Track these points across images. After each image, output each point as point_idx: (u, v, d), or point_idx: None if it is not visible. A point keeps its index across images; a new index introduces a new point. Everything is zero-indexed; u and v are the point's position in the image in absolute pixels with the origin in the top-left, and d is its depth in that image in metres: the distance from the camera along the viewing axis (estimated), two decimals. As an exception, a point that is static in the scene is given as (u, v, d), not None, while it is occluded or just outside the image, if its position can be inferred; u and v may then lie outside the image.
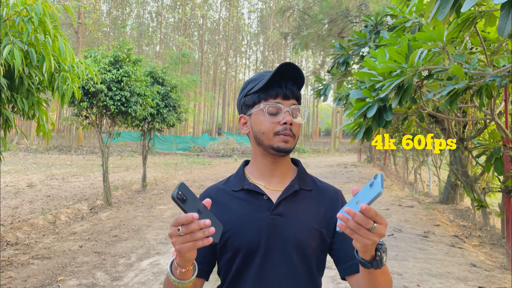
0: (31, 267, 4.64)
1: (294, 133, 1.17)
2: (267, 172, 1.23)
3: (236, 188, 1.23)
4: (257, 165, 1.24)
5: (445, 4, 1.59)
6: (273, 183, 1.22)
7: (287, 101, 1.17)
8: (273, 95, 1.17)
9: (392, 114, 3.11)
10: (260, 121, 1.18)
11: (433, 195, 10.60)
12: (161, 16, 44.99)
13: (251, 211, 1.17)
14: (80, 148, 27.23)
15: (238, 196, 1.21)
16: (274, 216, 1.16)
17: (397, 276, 4.42)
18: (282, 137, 1.14)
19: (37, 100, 4.28)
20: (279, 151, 1.16)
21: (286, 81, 1.19)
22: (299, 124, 1.20)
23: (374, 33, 5.41)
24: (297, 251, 1.14)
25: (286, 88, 1.18)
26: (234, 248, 1.15)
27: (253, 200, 1.19)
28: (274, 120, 1.15)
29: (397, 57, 2.82)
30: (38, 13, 3.46)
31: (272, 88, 1.18)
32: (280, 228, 1.15)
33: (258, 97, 1.19)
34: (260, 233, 1.14)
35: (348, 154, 34.00)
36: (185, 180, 13.45)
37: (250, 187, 1.20)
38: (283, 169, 1.24)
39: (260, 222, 1.15)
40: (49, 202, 8.47)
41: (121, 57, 7.89)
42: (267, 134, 1.16)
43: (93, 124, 8.23)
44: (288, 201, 1.18)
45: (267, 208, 1.17)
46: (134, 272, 4.50)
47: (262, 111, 1.17)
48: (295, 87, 1.21)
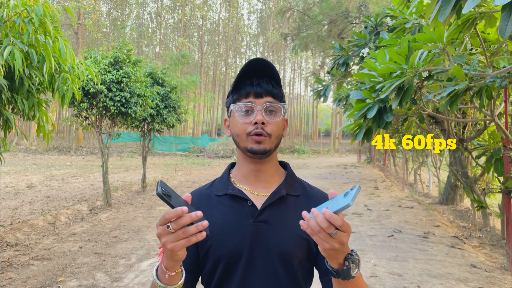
0: (31, 268, 4.64)
1: (269, 133, 1.09)
2: (252, 176, 1.16)
3: (220, 192, 1.16)
4: (241, 169, 1.18)
5: (446, 5, 1.60)
6: (258, 187, 1.16)
7: (259, 99, 1.11)
8: (244, 94, 1.12)
9: (392, 115, 3.12)
10: (234, 123, 1.13)
11: (433, 195, 10.61)
12: (160, 17, 45.00)
13: (234, 218, 1.10)
14: (80, 149, 27.21)
15: (222, 201, 1.15)
16: (258, 223, 1.09)
17: (397, 277, 4.42)
18: (254, 138, 1.08)
19: (38, 101, 4.28)
20: (253, 153, 1.09)
21: (259, 78, 1.13)
22: (276, 123, 1.11)
23: (374, 34, 5.42)
24: (282, 261, 1.08)
25: (258, 86, 1.11)
26: (216, 257, 1.09)
27: (237, 206, 1.12)
28: (246, 121, 1.10)
29: (397, 58, 2.83)
30: (38, 14, 3.46)
31: (243, 87, 1.13)
32: (264, 236, 1.08)
33: (232, 98, 1.15)
34: (243, 241, 1.08)
35: (348, 155, 34.01)
36: (184, 180, 13.45)
37: (234, 192, 1.13)
38: (269, 173, 1.17)
39: (243, 230, 1.09)
40: (49, 202, 8.46)
41: (121, 58, 7.89)
42: (241, 136, 1.11)
43: (93, 125, 8.23)
44: (273, 208, 1.11)
45: (251, 215, 1.10)
46: (134, 273, 4.50)
47: (234, 112, 1.13)
48: (271, 84, 1.14)
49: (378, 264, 4.88)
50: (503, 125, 4.46)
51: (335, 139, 42.81)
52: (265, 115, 1.10)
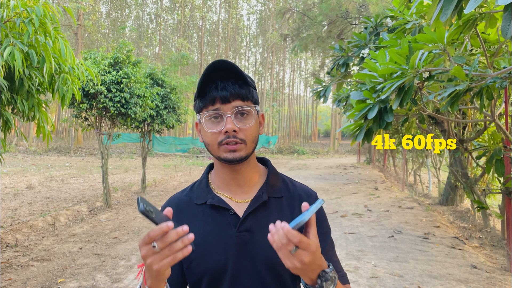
0: (31, 269, 4.63)
1: (243, 138, 1.02)
2: (231, 182, 1.09)
3: (200, 200, 1.10)
4: (220, 174, 1.11)
5: (447, 6, 1.60)
6: (238, 193, 1.10)
7: (227, 104, 1.02)
8: (210, 101, 1.03)
9: (392, 116, 3.12)
10: (203, 133, 1.06)
11: (432, 196, 10.61)
12: (160, 17, 45.02)
13: (216, 229, 1.04)
14: (79, 150, 27.20)
15: (202, 210, 1.08)
16: (241, 233, 1.03)
17: (398, 278, 4.42)
18: (227, 147, 1.01)
19: (37, 102, 4.28)
20: (228, 162, 1.03)
21: (224, 81, 1.03)
22: (250, 128, 1.03)
23: (374, 34, 5.42)
24: (269, 270, 1.02)
25: (224, 89, 1.02)
26: (199, 272, 1.03)
27: (217, 216, 1.06)
28: (216, 130, 1.02)
29: (397, 59, 2.83)
30: (38, 15, 3.46)
31: (208, 93, 1.03)
32: (248, 247, 1.03)
33: (198, 105, 1.07)
34: (227, 254, 1.02)
35: (348, 155, 34.02)
36: (184, 181, 13.44)
37: (214, 202, 1.07)
38: (248, 176, 1.10)
39: (226, 241, 1.03)
40: (48, 203, 8.45)
41: (121, 58, 7.89)
42: (212, 146, 1.03)
43: (92, 126, 8.23)
44: (256, 214, 1.05)
45: (233, 225, 1.04)
46: (134, 274, 4.49)
47: (202, 121, 1.05)
48: (238, 84, 1.03)
49: (379, 265, 4.87)
50: (503, 126, 4.46)
51: (335, 140, 42.81)
52: (236, 121, 1.02)
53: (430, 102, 5.00)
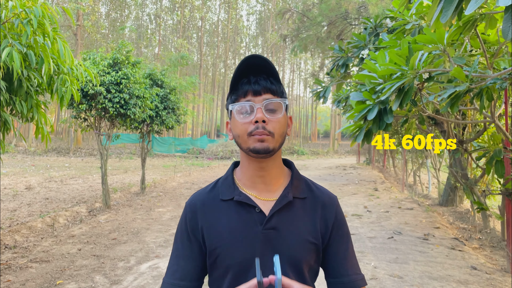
0: (30, 270, 4.61)
1: (272, 131, 1.05)
2: (258, 179, 1.12)
3: (226, 197, 1.12)
4: (246, 171, 1.14)
5: (448, 7, 1.58)
6: (264, 191, 1.13)
7: (258, 97, 1.07)
8: (242, 93, 1.08)
9: (392, 117, 3.11)
10: (234, 124, 1.09)
11: (432, 197, 10.60)
12: (160, 18, 45.01)
13: (242, 226, 1.08)
14: (79, 150, 27.17)
15: (228, 207, 1.11)
16: (267, 230, 1.07)
17: (398, 279, 4.41)
18: (256, 137, 1.04)
19: (36, 103, 4.27)
20: (256, 152, 1.05)
21: (256, 76, 1.09)
22: (278, 120, 1.07)
23: (373, 35, 5.41)
24: (292, 266, 1.07)
25: (256, 83, 1.08)
26: (225, 266, 1.07)
27: (244, 213, 1.09)
28: (246, 121, 1.06)
29: (397, 60, 2.82)
30: (37, 16, 3.45)
31: (240, 86, 1.09)
32: (273, 244, 1.07)
33: (230, 99, 1.12)
34: (253, 250, 1.06)
35: (347, 156, 34.01)
36: (184, 182, 13.42)
37: (241, 198, 1.10)
38: (274, 174, 1.13)
39: (252, 238, 1.06)
40: (47, 204, 8.43)
41: (120, 59, 7.88)
42: (242, 137, 1.07)
43: (91, 127, 8.21)
44: (281, 213, 1.09)
45: (259, 222, 1.08)
46: (133, 276, 4.48)
47: (234, 113, 1.09)
48: (269, 80, 1.09)
49: (378, 266, 4.86)
50: (503, 127, 4.45)
51: (334, 140, 42.81)
52: (266, 113, 1.06)
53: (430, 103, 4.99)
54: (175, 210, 8.38)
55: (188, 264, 1.11)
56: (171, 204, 9.17)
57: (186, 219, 1.14)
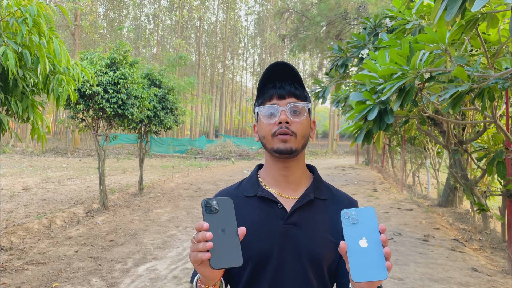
0: (26, 273, 4.55)
1: (295, 132, 1.12)
2: (281, 178, 1.18)
3: (249, 193, 1.19)
4: (270, 171, 1.21)
5: (453, 5, 1.54)
6: (287, 190, 1.18)
7: (282, 100, 1.14)
8: (268, 97, 1.16)
9: (393, 117, 3.07)
10: (260, 125, 1.17)
11: (432, 197, 10.56)
12: (158, 18, 44.94)
13: (264, 219, 1.14)
14: (77, 151, 27.08)
15: (251, 202, 1.18)
16: (288, 225, 1.12)
17: (398, 281, 4.36)
18: (279, 138, 1.11)
19: (32, 103, 4.21)
20: (279, 152, 1.12)
21: (281, 81, 1.17)
22: (301, 122, 1.14)
23: (373, 35, 5.37)
24: (312, 262, 1.10)
25: (281, 88, 1.15)
26: (246, 257, 1.07)
27: (266, 208, 1.15)
28: (271, 122, 1.13)
29: (398, 59, 2.77)
30: (32, 14, 3.39)
31: (266, 91, 1.17)
32: (294, 239, 1.11)
33: (257, 102, 1.19)
34: (273, 243, 1.11)
35: (346, 156, 33.98)
36: (182, 182, 13.36)
37: (264, 194, 1.16)
38: (297, 175, 1.19)
39: (273, 232, 1.12)
40: (44, 205, 8.37)
41: (118, 59, 7.82)
42: (267, 137, 1.14)
43: (89, 127, 8.15)
44: (302, 211, 1.14)
45: (280, 217, 1.13)
46: (130, 278, 4.42)
47: (260, 116, 1.17)
48: (294, 86, 1.17)
49: (378, 268, 4.81)
50: (504, 127, 4.41)
51: (333, 141, 42.78)
52: (289, 115, 1.13)
53: (429, 103, 4.95)
54: (173, 211, 8.32)
55: None
56: (169, 205, 9.11)
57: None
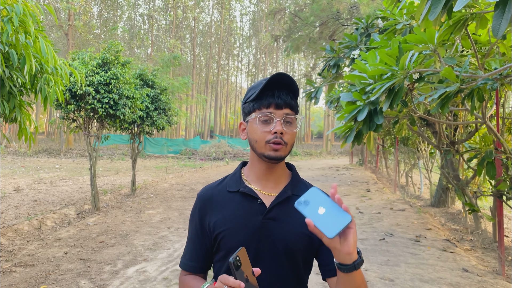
0: (13, 275, 4.50)
1: (286, 142, 1.21)
2: (263, 177, 1.28)
3: (232, 189, 1.28)
4: (254, 169, 1.29)
5: (436, 4, 1.52)
6: (267, 187, 1.27)
7: (279, 110, 1.21)
8: (266, 105, 1.22)
9: (383, 117, 3.05)
10: (253, 129, 1.23)
11: (424, 198, 10.59)
12: (152, 18, 44.79)
13: (245, 214, 1.22)
14: (70, 151, 26.90)
15: (234, 197, 1.26)
16: (267, 220, 1.21)
17: (389, 282, 4.35)
18: (272, 146, 1.19)
19: (19, 103, 4.16)
20: (270, 159, 1.21)
21: (280, 91, 1.23)
22: (292, 133, 1.23)
23: (365, 35, 5.36)
24: (286, 253, 1.20)
25: (279, 98, 1.22)
26: (227, 248, 1.21)
27: (247, 203, 1.24)
28: (266, 130, 1.20)
29: (388, 60, 2.76)
30: (18, 13, 3.34)
31: (265, 98, 1.23)
32: (271, 232, 1.20)
33: (253, 106, 1.25)
34: (253, 235, 1.20)
35: (340, 157, 34.04)
36: (175, 183, 13.31)
37: (245, 190, 1.25)
38: (277, 174, 1.29)
39: (253, 225, 1.20)
40: (35, 206, 8.29)
41: (110, 59, 7.76)
42: (259, 143, 1.21)
43: (80, 128, 8.08)
44: (280, 206, 1.23)
45: (260, 212, 1.22)
46: (119, 280, 4.38)
47: (255, 120, 1.22)
48: (290, 96, 1.25)
49: (369, 269, 4.80)
50: (494, 128, 4.41)
51: (328, 141, 42.84)
52: (283, 125, 1.21)
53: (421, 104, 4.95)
54: (165, 212, 8.28)
55: (196, 247, 1.29)
56: (162, 205, 9.06)
57: (196, 208, 1.31)
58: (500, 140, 4.18)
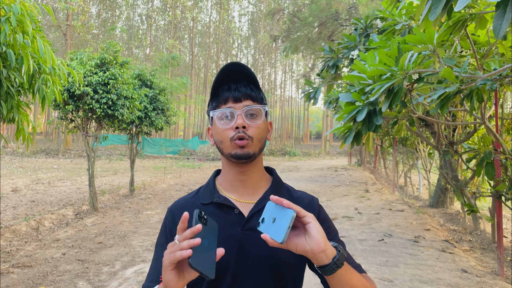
0: (11, 276, 4.47)
1: (251, 136, 1.07)
2: (238, 183, 1.13)
3: (206, 200, 1.13)
4: (227, 176, 1.15)
5: (437, 4, 1.51)
6: (244, 195, 1.13)
7: (238, 103, 1.09)
8: (223, 100, 1.10)
9: (382, 118, 3.04)
10: (216, 130, 1.11)
11: (423, 198, 10.59)
12: (151, 18, 44.75)
13: (221, 227, 1.05)
14: (68, 152, 26.85)
15: (208, 209, 1.11)
16: (246, 231, 1.06)
17: (388, 283, 4.34)
18: (237, 143, 1.06)
19: (17, 103, 4.14)
20: (237, 158, 1.07)
21: (236, 83, 1.11)
22: (257, 126, 1.09)
23: (364, 36, 5.36)
24: (271, 268, 1.05)
25: (236, 90, 1.10)
26: None
27: (223, 214, 1.10)
28: (227, 127, 1.08)
29: (387, 60, 2.75)
30: (16, 13, 3.33)
31: (221, 93, 1.11)
32: (252, 244, 1.05)
33: (211, 105, 1.14)
34: (231, 250, 1.04)
35: (339, 157, 34.06)
36: (174, 184, 13.28)
37: (220, 200, 1.11)
38: (255, 179, 1.14)
39: (230, 239, 1.05)
40: (33, 207, 8.26)
41: (108, 59, 7.74)
42: (224, 143, 1.08)
43: (79, 128, 8.06)
44: (260, 215, 1.08)
45: (238, 223, 1.08)
46: (117, 281, 4.36)
47: (215, 119, 1.11)
48: (250, 86, 1.12)
49: (368, 270, 4.80)
50: (493, 129, 4.41)
51: (326, 141, 42.87)
52: (246, 119, 1.08)
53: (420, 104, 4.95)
54: (163, 213, 8.26)
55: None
56: (160, 206, 9.04)
57: (165, 224, 1.15)
58: (499, 141, 4.18)
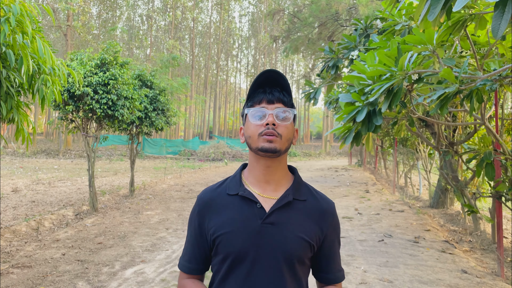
0: (10, 276, 4.47)
1: (280, 133, 1.19)
2: (262, 179, 1.25)
3: (232, 192, 1.26)
4: (253, 171, 1.27)
5: (435, 4, 1.51)
6: (267, 190, 1.25)
7: (271, 105, 1.22)
8: (258, 101, 1.24)
9: (381, 118, 3.04)
10: (247, 127, 1.24)
11: (423, 199, 10.58)
12: (151, 19, 44.75)
13: (243, 218, 1.20)
14: (68, 152, 26.85)
15: (233, 201, 1.25)
16: (266, 224, 1.19)
17: (388, 284, 4.34)
18: (265, 137, 1.18)
19: (17, 104, 4.14)
20: (264, 151, 1.18)
21: (271, 87, 1.25)
22: (286, 126, 1.22)
23: (364, 36, 5.36)
24: (285, 259, 1.18)
25: (270, 93, 1.24)
26: (225, 253, 1.20)
27: (246, 207, 1.22)
28: (259, 123, 1.21)
29: (386, 61, 2.74)
30: (15, 14, 3.33)
31: (256, 95, 1.25)
32: (270, 237, 1.18)
33: (246, 105, 1.27)
34: (251, 240, 1.18)
35: (339, 158, 34.04)
36: (174, 184, 13.28)
37: (245, 194, 1.23)
38: (278, 176, 1.26)
39: (251, 230, 1.18)
40: (33, 207, 8.26)
41: (108, 59, 7.74)
42: (253, 137, 1.21)
43: (79, 128, 8.06)
44: (280, 211, 1.21)
45: (259, 216, 1.20)
46: (117, 282, 4.36)
47: (248, 117, 1.24)
48: (283, 92, 1.26)
49: (368, 270, 4.79)
50: (493, 129, 4.40)
51: (327, 142, 42.85)
52: (276, 119, 1.21)
53: (420, 105, 4.94)
54: (163, 213, 8.25)
55: (195, 249, 1.29)
56: (160, 206, 9.04)
57: (195, 211, 1.30)
58: (499, 141, 4.17)
